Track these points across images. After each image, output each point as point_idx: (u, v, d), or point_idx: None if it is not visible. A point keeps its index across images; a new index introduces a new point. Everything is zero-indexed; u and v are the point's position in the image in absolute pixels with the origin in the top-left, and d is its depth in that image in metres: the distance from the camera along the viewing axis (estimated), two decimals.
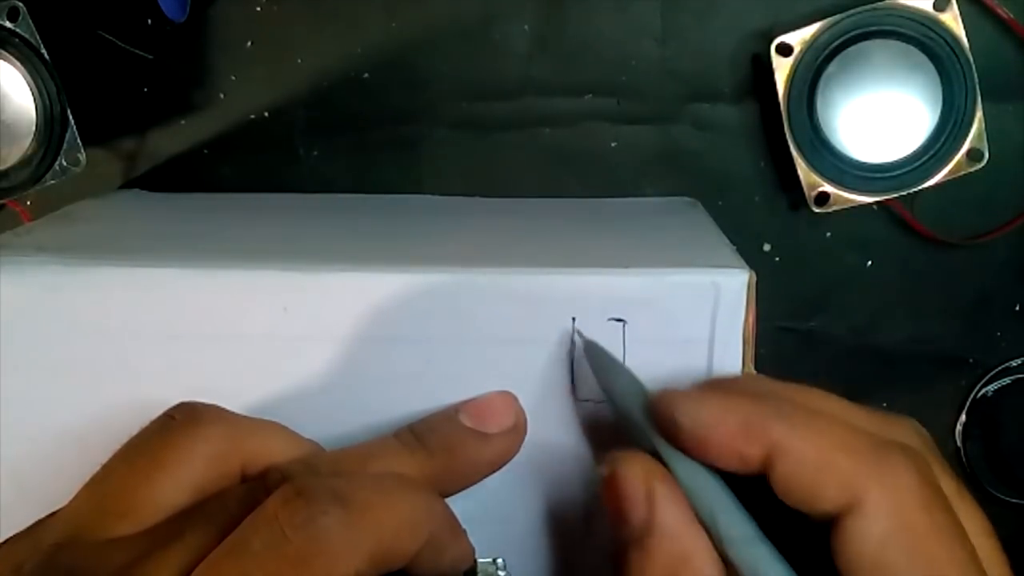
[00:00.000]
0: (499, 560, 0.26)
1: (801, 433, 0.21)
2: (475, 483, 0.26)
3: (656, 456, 0.23)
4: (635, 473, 0.23)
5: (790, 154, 0.38)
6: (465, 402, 0.27)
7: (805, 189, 0.38)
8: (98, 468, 0.24)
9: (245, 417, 0.26)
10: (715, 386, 0.26)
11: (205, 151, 0.41)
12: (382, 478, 0.24)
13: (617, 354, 0.27)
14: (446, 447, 0.25)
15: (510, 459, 0.26)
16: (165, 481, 0.23)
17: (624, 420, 0.25)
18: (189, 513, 0.23)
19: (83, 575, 0.22)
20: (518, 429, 0.27)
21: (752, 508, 0.22)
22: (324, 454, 0.26)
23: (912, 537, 0.21)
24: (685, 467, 0.22)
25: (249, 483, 0.24)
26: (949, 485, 0.22)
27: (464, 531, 0.25)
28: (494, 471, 0.26)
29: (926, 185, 0.37)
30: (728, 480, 0.22)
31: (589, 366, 0.27)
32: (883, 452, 0.21)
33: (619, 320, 0.27)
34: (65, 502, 0.23)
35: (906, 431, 0.24)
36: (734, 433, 0.22)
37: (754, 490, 0.22)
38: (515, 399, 0.27)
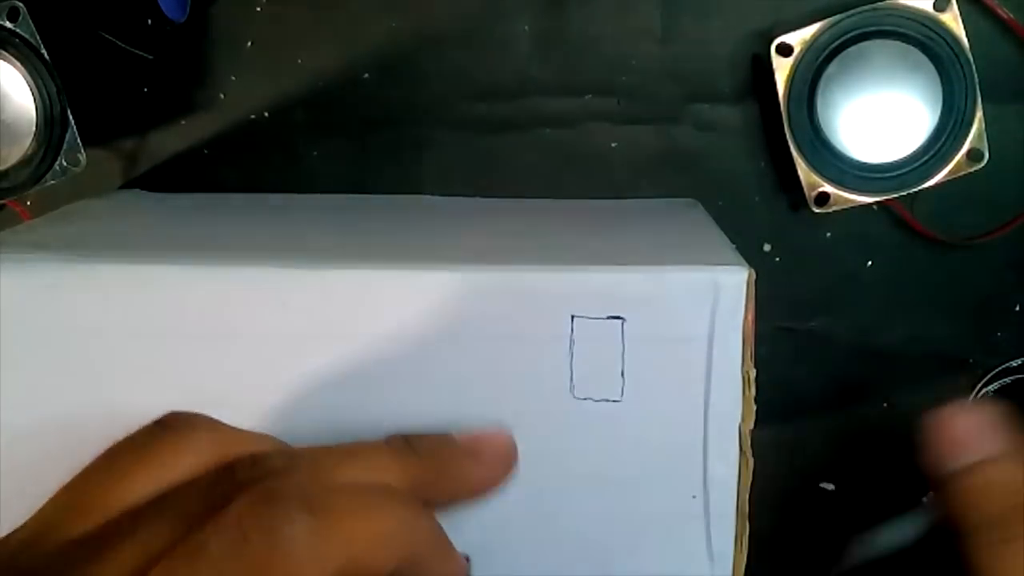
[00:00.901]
0: None
1: None
2: (459, 502, 0.26)
3: None
4: (973, 415, 0.25)
5: (790, 154, 0.38)
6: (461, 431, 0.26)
7: (805, 189, 0.38)
8: None
9: (236, 429, 0.25)
10: None
11: (205, 151, 0.41)
12: (362, 487, 0.23)
13: (616, 352, 0.27)
14: (436, 455, 0.25)
15: (496, 487, 0.26)
16: (140, 483, 0.22)
17: None
18: (143, 509, 0.22)
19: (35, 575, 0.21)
20: (509, 460, 0.26)
21: None
22: (305, 450, 0.24)
23: None
24: None
25: (213, 474, 0.22)
26: None
27: (456, 551, 0.24)
28: (480, 494, 0.26)
29: (926, 185, 0.37)
30: None
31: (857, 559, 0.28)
32: None
33: (618, 318, 0.27)
34: None
35: None
36: None
37: None
38: (511, 435, 0.27)
